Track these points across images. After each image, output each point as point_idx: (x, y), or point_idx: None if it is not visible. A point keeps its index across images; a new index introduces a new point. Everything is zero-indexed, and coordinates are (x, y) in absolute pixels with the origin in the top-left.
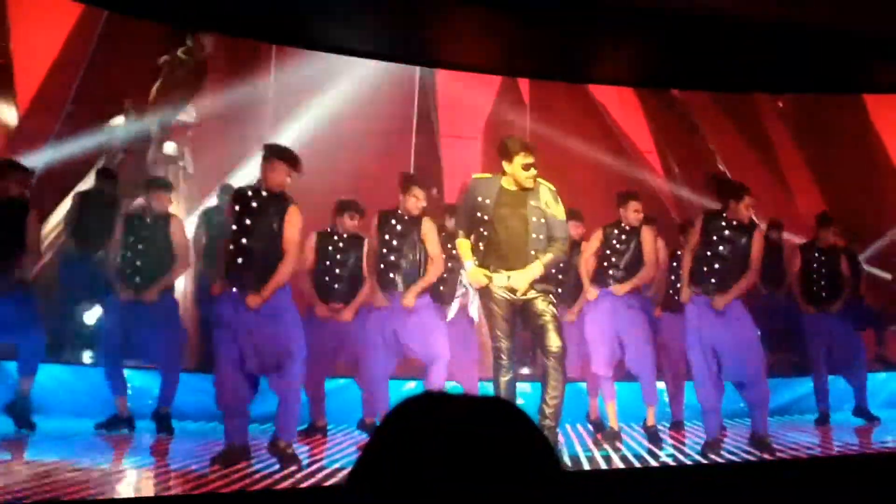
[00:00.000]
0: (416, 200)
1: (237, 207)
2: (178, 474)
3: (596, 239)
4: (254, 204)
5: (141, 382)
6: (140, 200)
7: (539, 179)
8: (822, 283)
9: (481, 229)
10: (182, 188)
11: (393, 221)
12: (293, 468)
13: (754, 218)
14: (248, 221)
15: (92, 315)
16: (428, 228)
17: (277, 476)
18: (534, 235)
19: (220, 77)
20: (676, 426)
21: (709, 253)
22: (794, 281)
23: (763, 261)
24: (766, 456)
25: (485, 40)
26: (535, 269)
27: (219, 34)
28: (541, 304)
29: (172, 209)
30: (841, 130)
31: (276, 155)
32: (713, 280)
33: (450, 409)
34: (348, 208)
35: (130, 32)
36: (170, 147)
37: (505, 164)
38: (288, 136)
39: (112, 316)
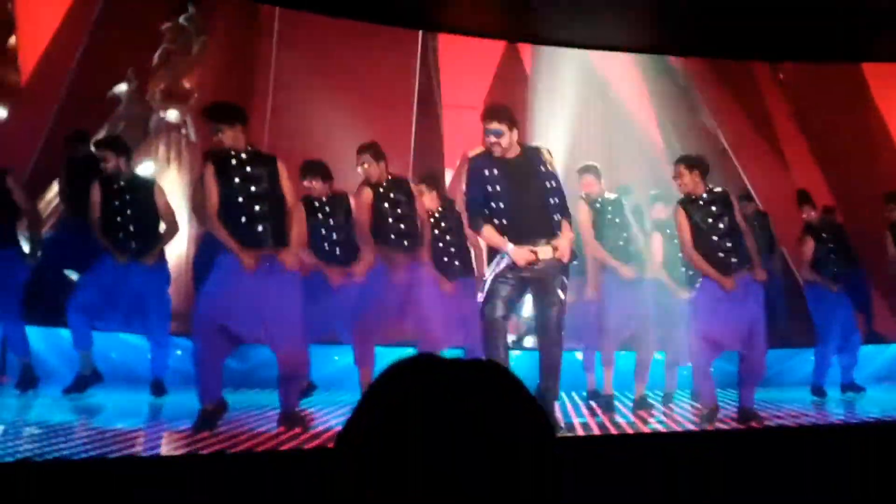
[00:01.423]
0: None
1: (221, 173)
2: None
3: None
4: (237, 165)
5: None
6: (111, 162)
7: (534, 145)
8: (833, 257)
9: (498, 204)
10: (185, 156)
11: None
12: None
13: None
14: (239, 181)
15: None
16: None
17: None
18: (551, 201)
19: (222, 43)
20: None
21: (714, 237)
22: (808, 263)
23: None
24: (753, 425)
25: (485, 3)
26: (569, 235)
27: None
28: (556, 282)
29: (173, 176)
30: (839, 100)
31: (216, 117)
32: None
33: (441, 373)
34: (308, 174)
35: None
36: (172, 115)
37: (509, 129)
38: (288, 104)
39: (96, 275)
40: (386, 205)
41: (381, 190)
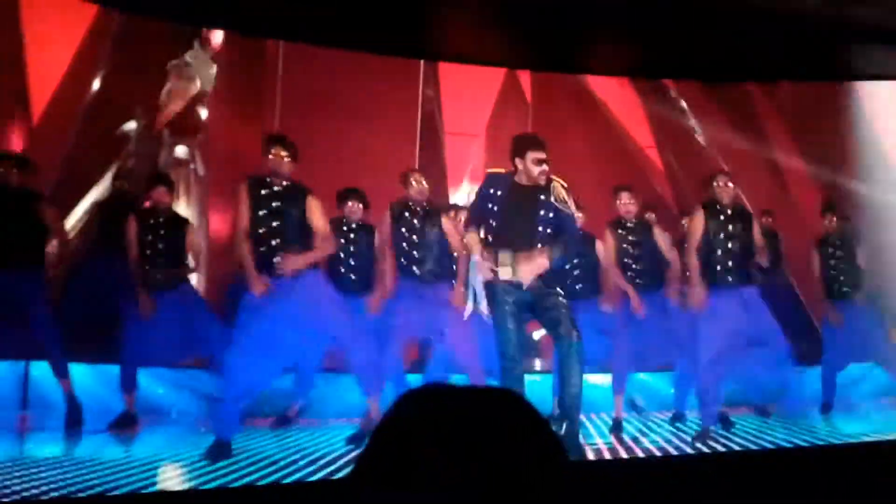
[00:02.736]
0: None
1: (252, 199)
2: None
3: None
4: (269, 196)
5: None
6: (166, 198)
7: (552, 176)
8: (841, 277)
9: (491, 220)
10: (193, 190)
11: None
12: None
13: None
14: (265, 212)
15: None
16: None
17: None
18: (541, 229)
19: (228, 78)
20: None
21: (718, 249)
22: (818, 280)
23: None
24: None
25: (484, 32)
26: (541, 262)
27: (225, 30)
28: (551, 299)
29: (183, 210)
30: (833, 118)
31: (277, 144)
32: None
33: (454, 401)
34: (351, 196)
35: (141, 37)
36: (181, 150)
37: (517, 161)
38: (293, 137)
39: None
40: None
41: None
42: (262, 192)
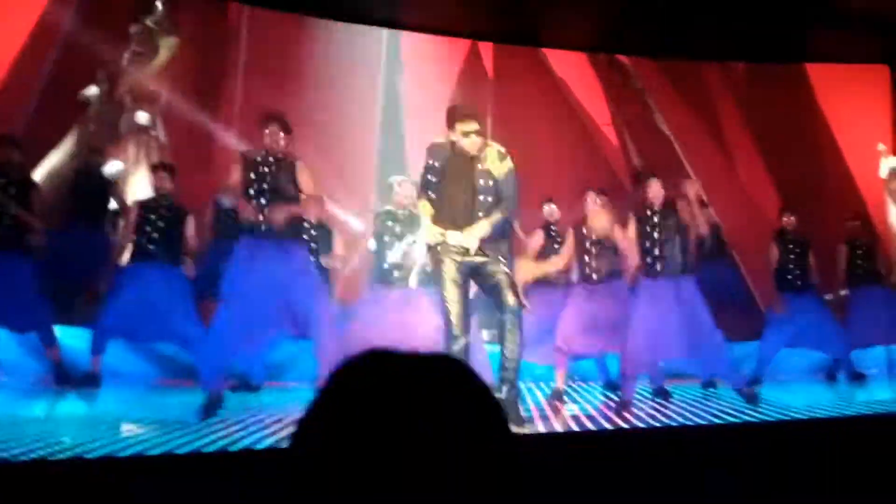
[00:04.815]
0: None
1: (245, 170)
2: None
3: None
4: (261, 164)
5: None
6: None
7: (488, 142)
8: (796, 270)
9: (430, 192)
10: (154, 156)
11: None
12: None
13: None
14: (255, 178)
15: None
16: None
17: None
18: (480, 198)
19: (190, 44)
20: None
21: (648, 244)
22: (772, 268)
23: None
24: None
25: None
26: (482, 227)
27: None
28: (492, 266)
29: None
30: (784, 100)
31: (274, 122)
32: (658, 266)
33: (395, 367)
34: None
35: (104, 2)
36: (143, 117)
37: (450, 133)
38: (255, 104)
39: (124, 288)
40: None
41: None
42: (256, 160)
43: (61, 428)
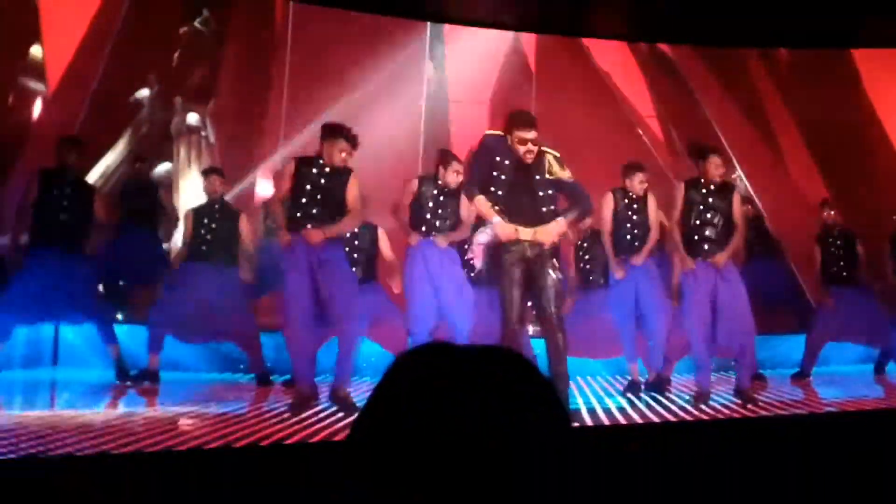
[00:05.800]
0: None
1: (300, 177)
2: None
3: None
4: (318, 176)
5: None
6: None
7: (544, 149)
8: (841, 263)
9: (495, 189)
10: (205, 157)
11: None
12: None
13: (729, 179)
14: (310, 189)
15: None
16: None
17: (339, 425)
18: (544, 209)
19: (237, 45)
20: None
21: (697, 221)
22: (817, 270)
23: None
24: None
25: None
26: (561, 224)
27: None
28: (549, 268)
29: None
30: (830, 88)
31: (336, 134)
32: (706, 246)
33: (454, 360)
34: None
35: (154, 6)
36: (193, 118)
37: (507, 137)
38: (303, 99)
39: (177, 287)
40: (430, 202)
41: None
42: (312, 171)
43: (124, 423)
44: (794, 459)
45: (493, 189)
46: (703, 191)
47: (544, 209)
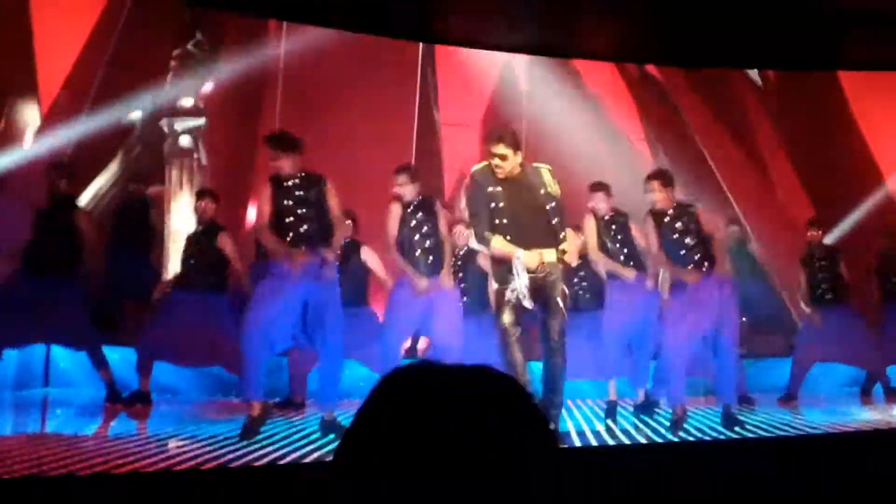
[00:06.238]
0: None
1: (277, 194)
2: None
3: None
4: (293, 188)
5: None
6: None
7: (536, 164)
8: (825, 285)
9: (499, 220)
10: (196, 179)
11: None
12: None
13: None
14: (292, 204)
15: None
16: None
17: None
18: (554, 220)
19: (231, 63)
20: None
21: (677, 247)
22: (802, 290)
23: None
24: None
25: (483, 13)
26: (577, 240)
27: (224, 10)
28: (555, 292)
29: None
30: (817, 110)
31: (276, 146)
32: (690, 266)
33: (440, 379)
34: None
35: (147, 28)
36: (185, 140)
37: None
38: (294, 119)
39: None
40: (413, 223)
41: (410, 209)
42: (285, 184)
43: (116, 444)
44: (781, 482)
45: (497, 222)
46: (666, 219)
47: (554, 221)
